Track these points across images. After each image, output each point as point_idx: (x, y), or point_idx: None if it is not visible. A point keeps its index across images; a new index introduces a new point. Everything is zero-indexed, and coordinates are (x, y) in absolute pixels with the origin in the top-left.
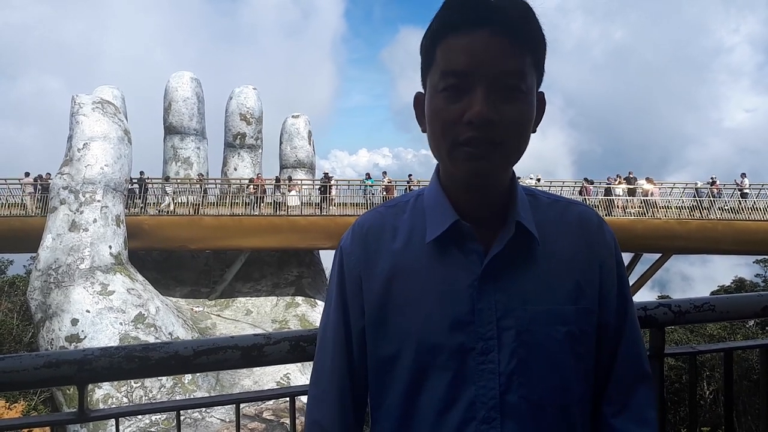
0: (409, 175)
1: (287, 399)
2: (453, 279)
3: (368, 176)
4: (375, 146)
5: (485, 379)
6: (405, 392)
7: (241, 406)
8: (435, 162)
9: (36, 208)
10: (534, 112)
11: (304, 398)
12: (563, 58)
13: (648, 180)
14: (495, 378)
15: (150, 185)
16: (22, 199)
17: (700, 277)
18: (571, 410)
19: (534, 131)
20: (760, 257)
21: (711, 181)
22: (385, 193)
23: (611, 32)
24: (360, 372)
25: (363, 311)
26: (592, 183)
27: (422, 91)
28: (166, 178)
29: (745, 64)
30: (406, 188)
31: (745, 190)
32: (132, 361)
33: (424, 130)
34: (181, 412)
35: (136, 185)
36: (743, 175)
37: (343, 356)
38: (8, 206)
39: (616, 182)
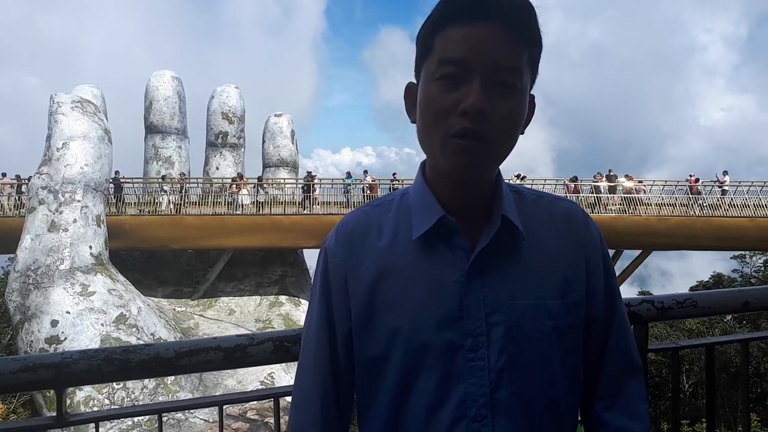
0: (394, 174)
1: (271, 399)
2: (440, 275)
3: (349, 175)
4: (358, 145)
5: (475, 376)
6: (394, 392)
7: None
8: (418, 161)
9: (14, 208)
10: (526, 111)
11: (288, 398)
12: (543, 56)
13: (627, 177)
14: (485, 375)
15: (131, 184)
16: None
17: (678, 272)
18: (560, 405)
19: (522, 132)
20: (737, 253)
21: (695, 178)
22: (369, 191)
23: (589, 30)
24: (345, 373)
25: (349, 312)
26: (575, 181)
27: (414, 81)
28: (162, 178)
29: (720, 63)
30: (390, 187)
31: (725, 187)
32: (112, 363)
33: (413, 121)
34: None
35: (111, 185)
36: (725, 173)
37: (327, 357)
38: None
39: (602, 179)
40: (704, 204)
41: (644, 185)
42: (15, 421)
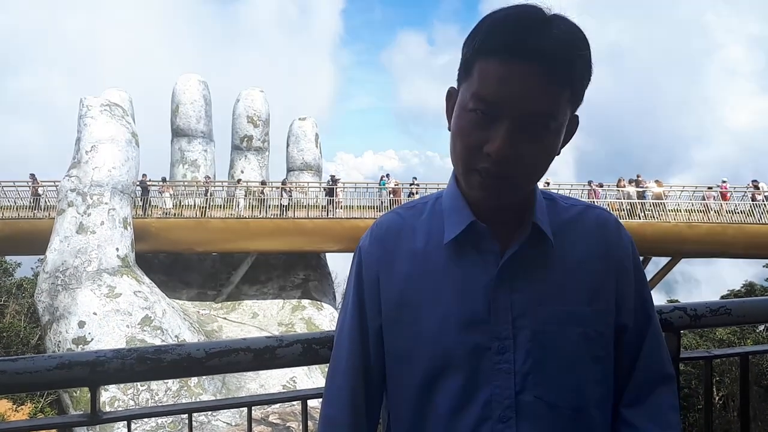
0: (414, 178)
1: (293, 403)
2: (469, 279)
3: (382, 179)
4: (380, 148)
5: (501, 378)
6: (420, 390)
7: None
8: (439, 164)
9: (34, 209)
10: (558, 144)
11: (314, 402)
12: None
13: (658, 183)
14: (511, 378)
15: (157, 187)
16: (30, 201)
17: (705, 278)
18: (589, 412)
19: (558, 153)
20: None
21: (725, 183)
22: (392, 195)
23: (609, 30)
24: (376, 370)
25: (380, 310)
26: (601, 186)
27: (454, 87)
28: (237, 181)
29: (747, 65)
30: (410, 191)
31: (765, 194)
32: (144, 363)
33: (450, 128)
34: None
35: (138, 188)
36: (755, 182)
37: (359, 354)
38: (16, 208)
39: (625, 184)
40: (735, 210)
41: (727, 188)
42: (50, 418)
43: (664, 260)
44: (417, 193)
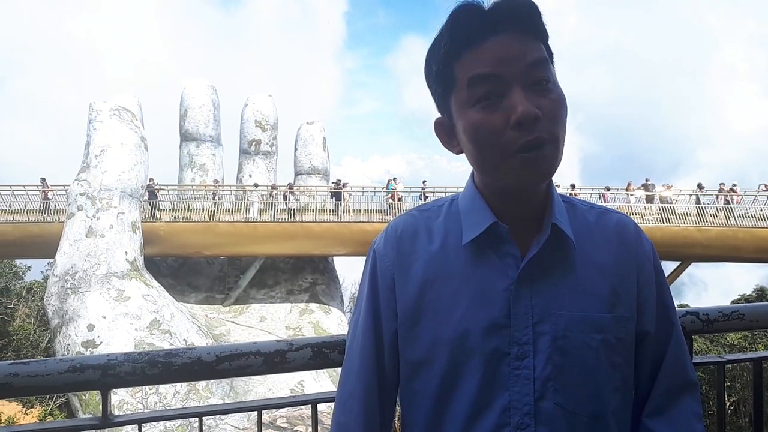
0: (424, 182)
1: (301, 406)
2: (488, 282)
3: (390, 182)
4: (387, 152)
5: (519, 384)
6: (436, 396)
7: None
8: (445, 168)
9: (44, 213)
10: (564, 101)
11: (323, 406)
12: (565, 62)
13: (667, 186)
14: (530, 384)
15: (165, 191)
16: (40, 205)
17: (713, 281)
18: (607, 420)
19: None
20: None
21: (732, 186)
22: (399, 201)
23: (611, 33)
24: (390, 376)
25: (396, 314)
26: (608, 189)
27: (441, 117)
28: (255, 185)
29: (754, 66)
30: (420, 194)
31: None
32: (155, 366)
33: (458, 152)
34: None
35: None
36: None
37: (372, 359)
38: (27, 212)
39: (633, 188)
40: (745, 214)
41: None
42: (61, 421)
43: (672, 264)
44: (427, 197)
